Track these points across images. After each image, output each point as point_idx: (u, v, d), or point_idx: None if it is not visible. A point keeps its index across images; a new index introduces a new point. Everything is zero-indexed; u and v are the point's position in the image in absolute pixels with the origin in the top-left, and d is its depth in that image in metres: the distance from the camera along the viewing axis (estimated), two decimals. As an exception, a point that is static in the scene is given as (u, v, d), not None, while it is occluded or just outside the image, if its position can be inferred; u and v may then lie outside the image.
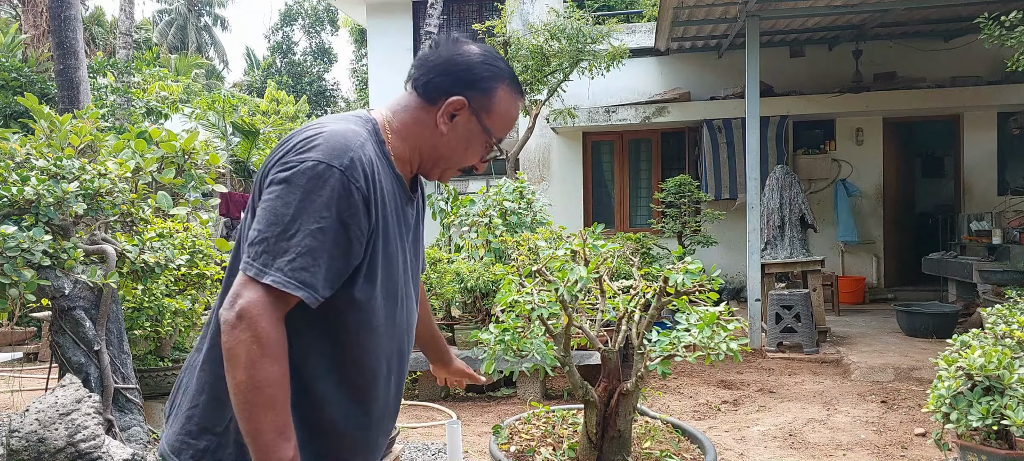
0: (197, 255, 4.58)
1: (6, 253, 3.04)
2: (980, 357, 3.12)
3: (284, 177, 1.27)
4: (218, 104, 11.11)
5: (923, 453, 4.17)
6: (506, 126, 1.49)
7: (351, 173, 1.28)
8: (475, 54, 1.44)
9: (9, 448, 3.09)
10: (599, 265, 2.16)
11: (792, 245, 7.24)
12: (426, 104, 1.43)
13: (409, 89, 1.46)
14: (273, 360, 1.23)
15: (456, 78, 1.41)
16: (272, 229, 1.25)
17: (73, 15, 4.68)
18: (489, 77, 1.43)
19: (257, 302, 1.23)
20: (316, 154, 1.28)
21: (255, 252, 1.26)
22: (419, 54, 1.47)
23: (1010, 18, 5.92)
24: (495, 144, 1.48)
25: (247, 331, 1.22)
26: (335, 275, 1.29)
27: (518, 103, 1.49)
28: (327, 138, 1.30)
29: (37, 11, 13.12)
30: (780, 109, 9.67)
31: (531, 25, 8.95)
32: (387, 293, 1.42)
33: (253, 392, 1.22)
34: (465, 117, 1.43)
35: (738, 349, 1.82)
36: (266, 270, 1.24)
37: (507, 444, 2.14)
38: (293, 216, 1.25)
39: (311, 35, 30.53)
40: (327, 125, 1.35)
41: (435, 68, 1.43)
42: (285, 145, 1.34)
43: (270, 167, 1.33)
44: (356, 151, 1.31)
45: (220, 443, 1.36)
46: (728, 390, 5.71)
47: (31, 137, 3.86)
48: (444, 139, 1.44)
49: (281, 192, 1.27)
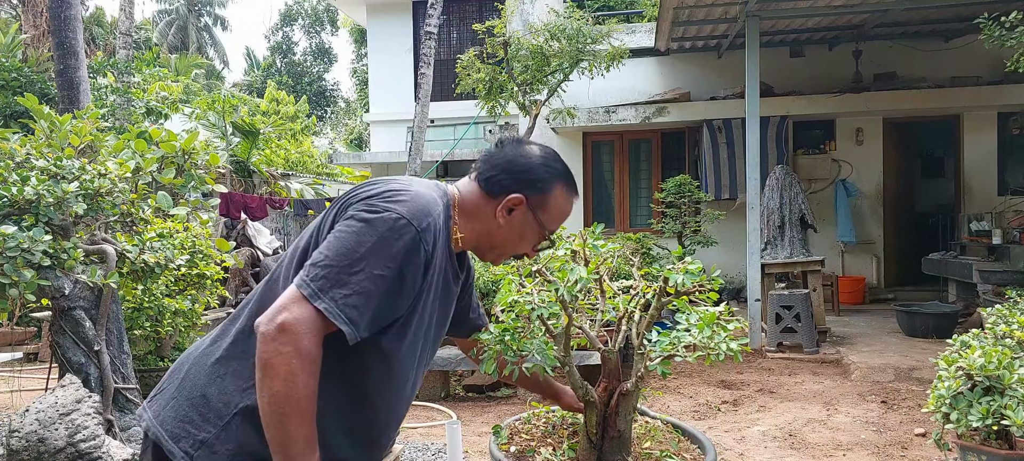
0: (197, 255, 4.58)
1: (6, 253, 3.03)
2: (980, 357, 3.12)
3: (367, 218, 1.36)
4: (218, 104, 11.11)
5: (923, 453, 4.17)
6: (559, 221, 1.61)
7: (425, 236, 1.39)
8: (536, 156, 1.57)
9: (9, 448, 3.09)
10: (599, 265, 2.16)
11: (792, 245, 7.24)
12: (488, 197, 1.55)
13: (474, 179, 1.58)
14: (310, 375, 1.29)
15: (516, 177, 1.54)
16: (340, 260, 1.32)
17: (73, 15, 4.67)
18: (547, 178, 1.56)
19: (305, 320, 1.28)
20: (402, 208, 1.38)
21: (315, 274, 1.32)
22: (486, 151, 1.61)
23: (1010, 18, 5.91)
24: (547, 236, 1.61)
25: (289, 345, 1.27)
26: (377, 320, 1.37)
27: (572, 200, 1.62)
28: (414, 198, 1.41)
29: (37, 11, 13.12)
30: (780, 109, 9.67)
31: (531, 25, 8.96)
32: (410, 351, 1.51)
33: (290, 403, 1.27)
34: (522, 212, 1.55)
35: (738, 349, 1.82)
36: (321, 294, 1.30)
37: (507, 444, 2.14)
38: (363, 256, 1.33)
39: (311, 35, 30.53)
40: (414, 186, 1.46)
41: (498, 166, 1.55)
42: (372, 188, 1.45)
43: (353, 202, 1.42)
44: (434, 218, 1.43)
45: (218, 437, 1.39)
46: (728, 390, 5.71)
47: (31, 137, 3.86)
48: (501, 230, 1.56)
49: (359, 230, 1.35)
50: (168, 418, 1.44)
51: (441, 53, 13.79)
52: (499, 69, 8.79)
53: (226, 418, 1.39)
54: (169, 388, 1.50)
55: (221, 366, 1.44)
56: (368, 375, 1.45)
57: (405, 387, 1.55)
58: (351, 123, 26.65)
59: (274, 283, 1.48)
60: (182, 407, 1.43)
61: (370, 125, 15.95)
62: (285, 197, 10.79)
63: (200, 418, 1.41)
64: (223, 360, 1.45)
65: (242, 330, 1.46)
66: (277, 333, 1.27)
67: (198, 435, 1.39)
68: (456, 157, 14.16)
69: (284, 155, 13.21)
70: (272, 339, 1.27)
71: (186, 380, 1.47)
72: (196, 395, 1.43)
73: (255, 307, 1.47)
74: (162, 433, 1.42)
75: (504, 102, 9.00)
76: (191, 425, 1.41)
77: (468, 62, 8.93)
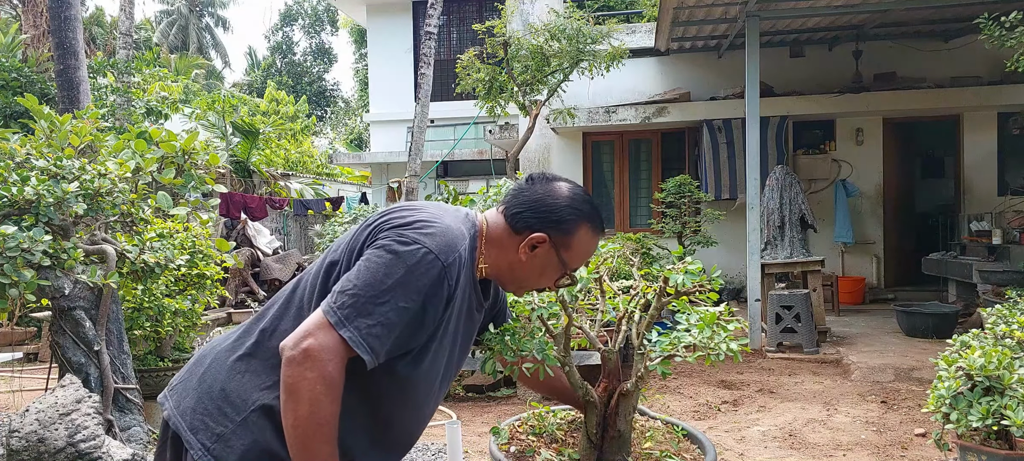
0: (197, 255, 4.58)
1: (6, 253, 3.03)
2: (980, 357, 3.12)
3: (397, 251, 1.40)
4: (218, 104, 11.12)
5: (923, 453, 4.17)
6: (583, 259, 1.63)
7: (450, 271, 1.43)
8: (563, 197, 1.58)
9: (9, 448, 3.09)
10: (599, 265, 2.16)
11: (792, 245, 7.24)
12: (512, 231, 1.57)
13: (501, 212, 1.60)
14: (334, 400, 1.34)
15: (541, 217, 1.55)
16: (368, 290, 1.36)
17: (73, 15, 4.67)
18: (572, 220, 1.57)
19: (330, 347, 1.33)
20: (431, 243, 1.41)
21: (342, 302, 1.36)
22: (515, 186, 1.63)
23: (1010, 18, 5.91)
24: (569, 273, 1.62)
25: (314, 370, 1.32)
26: (395, 349, 1.42)
27: (597, 239, 1.63)
28: (443, 232, 1.45)
29: (37, 11, 13.11)
30: (780, 109, 9.67)
31: (531, 25, 8.95)
32: (427, 375, 1.54)
33: (315, 427, 1.32)
34: (544, 250, 1.56)
35: (738, 349, 1.82)
36: (346, 323, 1.35)
37: (507, 444, 2.13)
38: (390, 288, 1.37)
39: (311, 35, 30.54)
40: (444, 218, 1.50)
41: (525, 203, 1.57)
42: (405, 216, 1.47)
43: (385, 229, 1.45)
44: (460, 253, 1.46)
45: (235, 432, 1.43)
46: (728, 390, 5.71)
47: (31, 137, 3.85)
48: (522, 265, 1.58)
49: (389, 262, 1.39)
50: (187, 410, 1.48)
51: (441, 53, 13.80)
52: (499, 69, 8.79)
53: (244, 414, 1.43)
54: (190, 380, 1.54)
55: (242, 363, 1.49)
56: (383, 396, 1.50)
57: (424, 405, 1.59)
58: (351, 123, 26.67)
59: (301, 290, 1.53)
60: (202, 400, 1.48)
61: (370, 125, 15.95)
62: (285, 197, 10.80)
63: (218, 412, 1.45)
64: (245, 358, 1.49)
65: (265, 330, 1.51)
66: (303, 358, 1.32)
67: (216, 429, 1.44)
68: (456, 157, 14.16)
69: (284, 155, 13.23)
70: (298, 363, 1.32)
71: (207, 373, 1.52)
72: (216, 390, 1.47)
73: (280, 310, 1.52)
74: (182, 424, 1.47)
75: (504, 102, 9.00)
76: (210, 418, 1.45)
77: (468, 62, 8.93)
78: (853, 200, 10.10)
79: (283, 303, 1.54)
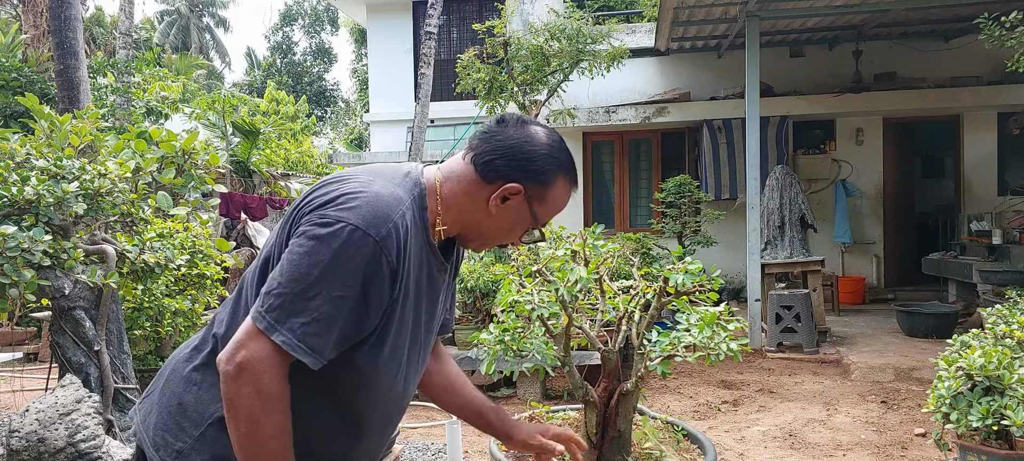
0: (197, 255, 4.58)
1: (6, 253, 3.04)
2: (980, 357, 3.12)
3: (318, 235, 1.23)
4: (218, 104, 11.11)
5: (923, 453, 4.17)
6: (554, 213, 1.47)
7: (385, 244, 1.25)
8: (541, 144, 1.40)
9: (9, 448, 3.09)
10: (599, 265, 2.16)
11: (792, 245, 7.24)
12: (481, 181, 1.39)
13: (467, 160, 1.41)
14: (276, 413, 1.23)
15: (517, 165, 1.38)
16: (293, 286, 1.22)
17: (73, 15, 4.68)
18: (549, 169, 1.40)
19: (263, 358, 1.21)
20: (354, 217, 1.24)
21: (270, 304, 1.23)
22: (484, 128, 1.43)
23: (1010, 18, 5.91)
24: (538, 227, 1.46)
25: (249, 385, 1.21)
26: (343, 340, 1.28)
27: (570, 192, 1.47)
28: (369, 202, 1.27)
29: (37, 11, 13.11)
30: (780, 109, 9.67)
31: (531, 25, 8.95)
32: (392, 358, 1.40)
33: (256, 446, 1.23)
34: (517, 202, 1.40)
35: (738, 349, 1.82)
36: (277, 327, 1.21)
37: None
38: (317, 278, 1.21)
39: (311, 35, 30.54)
40: (372, 185, 1.31)
41: (498, 150, 1.39)
42: (325, 194, 1.30)
43: (306, 213, 1.29)
44: (396, 221, 1.28)
45: (194, 447, 1.35)
46: (728, 390, 5.71)
47: (31, 137, 3.86)
48: (491, 219, 1.41)
49: (311, 249, 1.23)
50: (151, 426, 1.41)
51: (441, 53, 13.79)
52: (499, 69, 8.79)
53: (202, 428, 1.35)
54: (154, 393, 1.47)
55: (198, 373, 1.39)
56: (348, 390, 1.37)
57: (394, 389, 1.45)
58: (351, 123, 26.67)
59: (246, 291, 1.39)
60: (162, 415, 1.40)
61: (370, 125, 15.95)
62: (285, 197, 10.79)
63: (177, 427, 1.37)
64: (201, 367, 1.39)
65: (218, 337, 1.40)
66: (237, 373, 1.21)
67: (175, 444, 1.36)
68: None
69: (284, 155, 13.21)
70: (233, 379, 1.22)
71: (167, 386, 1.44)
72: (173, 403, 1.39)
73: (231, 314, 1.41)
74: (147, 440, 1.41)
75: (504, 102, 9.00)
76: (169, 434, 1.37)
77: (468, 62, 8.93)
78: (853, 200, 10.10)
79: (232, 306, 1.41)
